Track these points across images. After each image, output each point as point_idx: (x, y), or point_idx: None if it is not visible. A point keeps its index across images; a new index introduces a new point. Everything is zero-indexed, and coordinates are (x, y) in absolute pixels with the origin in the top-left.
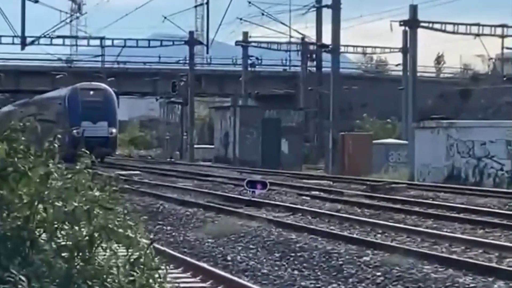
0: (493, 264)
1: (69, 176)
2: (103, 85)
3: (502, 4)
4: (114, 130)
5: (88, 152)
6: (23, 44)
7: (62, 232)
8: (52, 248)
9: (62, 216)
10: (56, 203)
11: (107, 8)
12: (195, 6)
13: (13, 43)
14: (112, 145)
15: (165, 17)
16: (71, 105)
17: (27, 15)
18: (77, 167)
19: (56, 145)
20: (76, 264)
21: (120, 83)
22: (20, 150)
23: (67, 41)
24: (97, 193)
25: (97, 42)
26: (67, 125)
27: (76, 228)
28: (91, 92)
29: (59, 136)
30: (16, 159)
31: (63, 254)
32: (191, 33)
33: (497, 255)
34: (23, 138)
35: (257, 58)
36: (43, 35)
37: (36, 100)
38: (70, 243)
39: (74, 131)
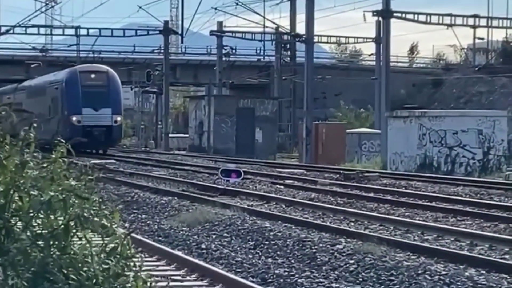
0: (465, 252)
1: (45, 165)
2: (106, 67)
3: None
4: (119, 118)
5: (89, 143)
6: None
7: (38, 221)
8: (28, 237)
9: (38, 205)
10: (32, 192)
11: None
12: None
13: None
14: (117, 134)
15: (140, 7)
16: (69, 90)
17: (2, 5)
18: (53, 156)
19: (32, 134)
20: (51, 253)
21: None
22: None
23: (42, 31)
24: (73, 182)
25: (72, 31)
26: (66, 113)
27: (52, 217)
28: (93, 76)
29: (56, 126)
30: None
31: (38, 243)
32: (165, 22)
33: (468, 243)
34: None
35: (231, 48)
36: (17, 25)
37: (26, 86)
38: (46, 232)
39: (74, 119)
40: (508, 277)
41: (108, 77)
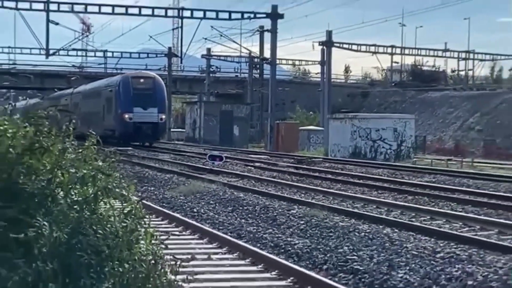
0: (383, 216)
1: (80, 150)
2: (153, 73)
3: (392, 30)
4: (163, 116)
5: (138, 136)
6: (47, 55)
7: (74, 190)
8: (67, 202)
9: (74, 179)
10: (70, 170)
11: (109, 29)
12: (173, 29)
13: (39, 54)
14: (161, 130)
15: (150, 36)
16: (123, 92)
17: (51, 33)
18: (86, 144)
19: (71, 128)
20: (84, 214)
21: None
22: (44, 131)
23: (79, 53)
24: (100, 163)
25: (101, 54)
26: (119, 111)
27: (85, 188)
28: (141, 80)
29: (113, 121)
30: (41, 138)
31: (75, 207)
32: (169, 48)
33: (386, 209)
34: (46, 123)
35: (216, 67)
36: (61, 48)
37: (81, 90)
38: (80, 199)
39: (126, 116)
40: (414, 234)
41: (154, 82)
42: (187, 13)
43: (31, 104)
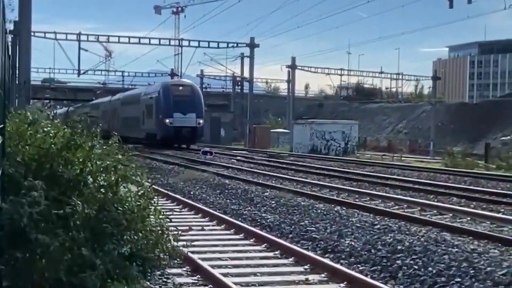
0: (334, 197)
1: (105, 147)
2: (191, 82)
3: (341, 57)
4: (201, 121)
5: (178, 139)
6: (79, 74)
7: (101, 177)
8: (95, 186)
9: (100, 168)
10: (97, 162)
11: (126, 54)
12: (175, 55)
13: (73, 73)
14: (199, 133)
15: (157, 60)
16: (164, 99)
17: (81, 57)
18: (109, 142)
19: (98, 130)
20: (108, 195)
21: None
22: (77, 132)
23: (103, 73)
24: (120, 156)
25: (120, 73)
26: (160, 117)
27: (108, 175)
28: (181, 88)
29: (154, 125)
30: (75, 137)
31: (101, 190)
32: (171, 69)
33: (336, 193)
34: (80, 126)
35: (208, 84)
36: (89, 69)
37: (120, 97)
38: (105, 183)
39: (167, 121)
40: (358, 211)
41: (193, 89)
42: (185, 43)
43: (71, 110)
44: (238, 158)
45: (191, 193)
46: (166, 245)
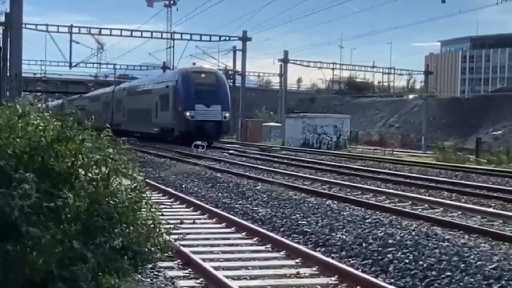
0: (326, 191)
1: (96, 140)
2: (214, 68)
3: (333, 51)
4: (227, 114)
5: (200, 135)
6: (70, 66)
7: (92, 171)
8: (86, 179)
9: (91, 162)
10: (89, 155)
11: (118, 47)
12: (167, 48)
13: (64, 65)
14: (225, 129)
15: (150, 53)
16: (183, 88)
17: (73, 50)
18: (101, 135)
19: (89, 123)
20: (99, 188)
21: None
22: (68, 125)
23: (95, 65)
24: (110, 150)
25: (111, 66)
26: (179, 109)
27: (99, 169)
28: (203, 75)
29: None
30: (66, 130)
31: (92, 183)
32: (164, 63)
33: (327, 186)
34: (71, 119)
35: None
36: (81, 61)
37: (126, 87)
38: (97, 177)
39: (188, 114)
40: (349, 205)
41: (217, 77)
42: (178, 36)
43: (66, 102)
44: (230, 151)
45: (183, 186)
46: (158, 239)
